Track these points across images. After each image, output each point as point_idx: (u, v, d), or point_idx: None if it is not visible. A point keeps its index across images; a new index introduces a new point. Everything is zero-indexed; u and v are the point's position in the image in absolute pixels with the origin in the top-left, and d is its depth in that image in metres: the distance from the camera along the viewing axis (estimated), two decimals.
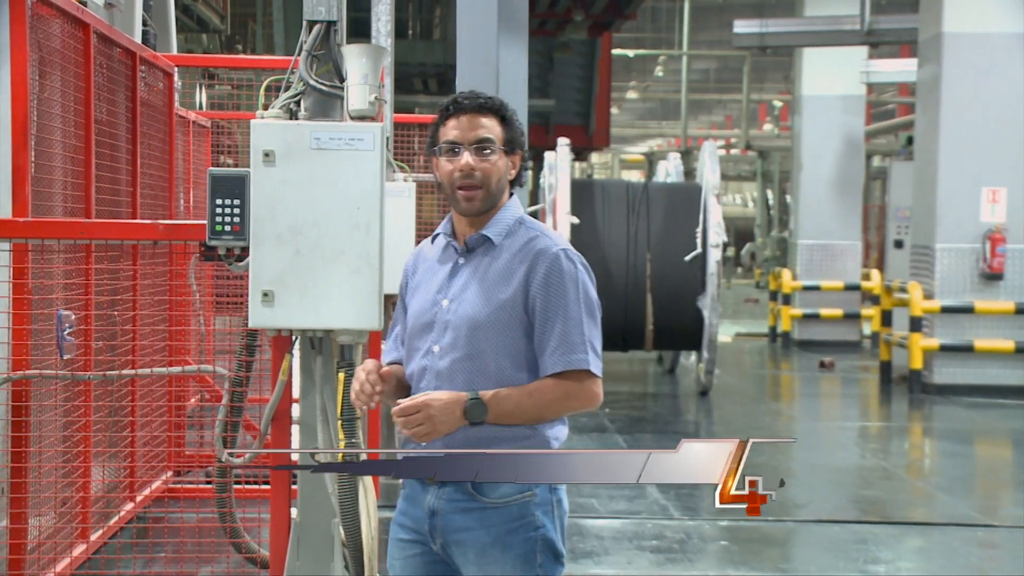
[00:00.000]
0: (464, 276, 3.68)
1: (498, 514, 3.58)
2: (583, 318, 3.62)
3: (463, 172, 3.64)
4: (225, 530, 6.04)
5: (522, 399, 3.55)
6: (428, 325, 3.68)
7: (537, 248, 3.65)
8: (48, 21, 6.12)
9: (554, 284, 3.61)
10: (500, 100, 3.72)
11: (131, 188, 7.66)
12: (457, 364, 3.60)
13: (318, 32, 5.18)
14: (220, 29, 20.76)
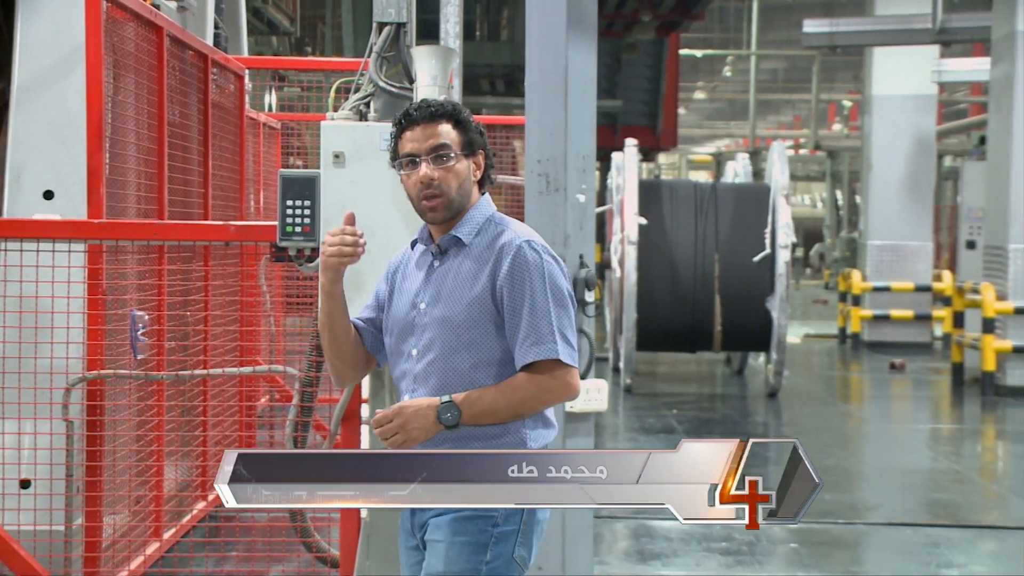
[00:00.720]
0: (438, 278, 3.68)
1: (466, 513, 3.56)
2: (551, 308, 3.58)
3: (423, 183, 3.64)
4: (296, 529, 6.08)
5: (496, 397, 3.53)
6: (408, 329, 3.68)
7: (502, 242, 3.64)
8: (122, 24, 6.19)
9: (518, 276, 3.59)
10: (452, 104, 3.71)
11: (203, 189, 7.73)
12: (431, 365, 3.60)
13: (388, 34, 5.20)
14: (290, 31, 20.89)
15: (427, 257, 3.74)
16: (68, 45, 5.95)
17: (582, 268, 5.63)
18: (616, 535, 8.28)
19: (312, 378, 5.87)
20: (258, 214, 10.33)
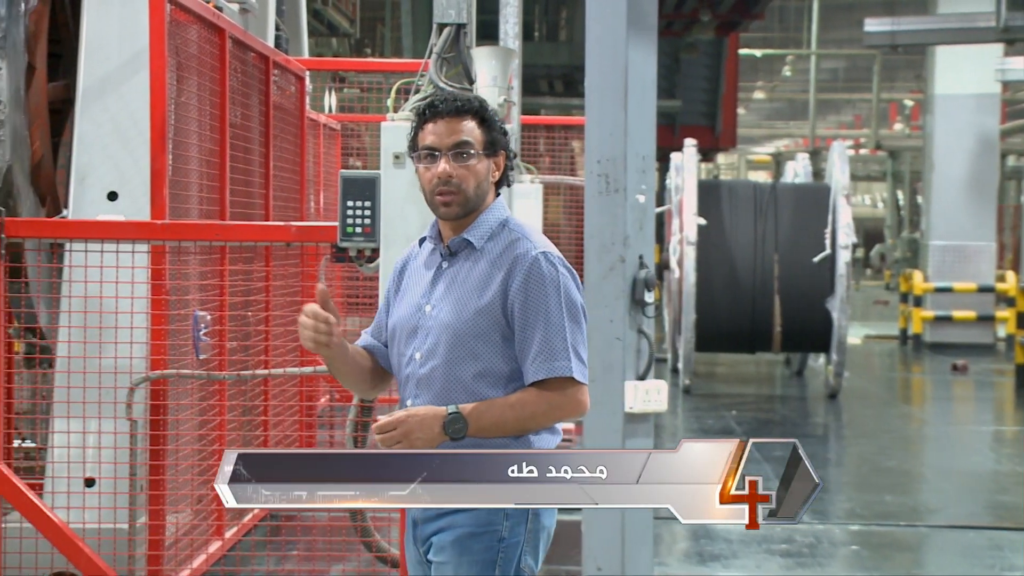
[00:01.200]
0: (446, 280, 3.56)
1: (466, 516, 3.45)
2: (565, 323, 3.47)
3: (440, 179, 3.51)
4: (356, 529, 6.11)
5: (504, 411, 3.41)
6: (413, 331, 3.56)
7: (517, 252, 3.51)
8: (185, 27, 6.24)
9: (533, 289, 3.47)
10: (480, 101, 3.61)
11: (264, 190, 7.78)
12: (435, 372, 3.48)
13: (448, 35, 5.22)
14: (349, 33, 21.00)
15: (436, 257, 3.62)
16: (132, 48, 6.00)
17: (642, 269, 5.62)
18: (675, 536, 8.26)
19: None
20: (318, 215, 10.39)
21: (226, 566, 6.45)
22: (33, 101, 6.38)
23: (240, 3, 7.49)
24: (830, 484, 10.07)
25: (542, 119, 14.55)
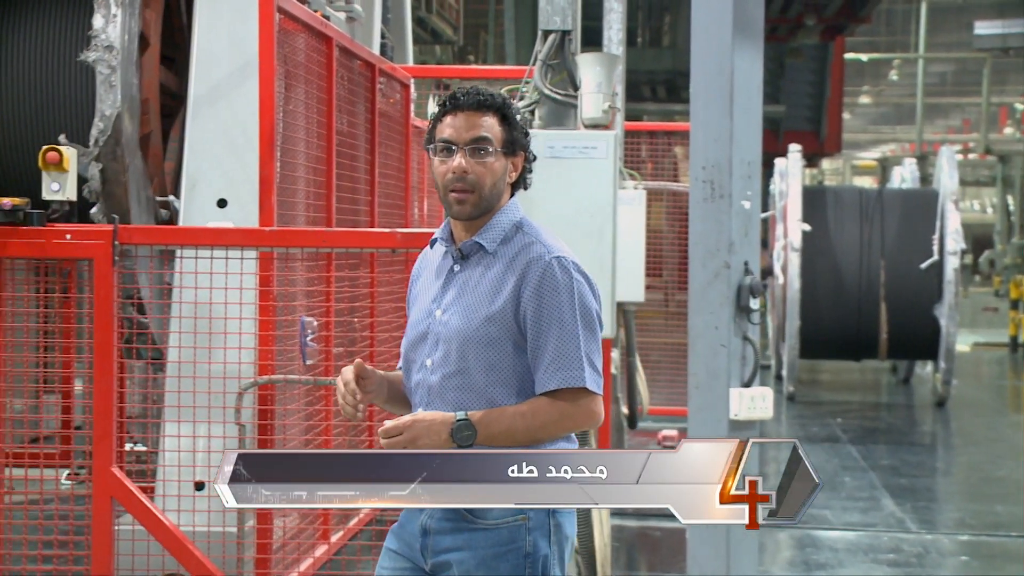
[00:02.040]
0: (458, 285, 3.44)
1: (487, 536, 3.34)
2: (579, 331, 3.33)
3: (455, 174, 3.38)
4: None
5: (514, 420, 3.29)
6: (423, 337, 3.45)
7: (530, 256, 3.37)
8: (293, 35, 6.31)
9: (547, 295, 3.34)
10: (503, 98, 3.46)
11: (369, 197, 7.84)
12: (447, 380, 3.38)
13: (553, 41, 5.23)
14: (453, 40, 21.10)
15: (447, 260, 3.50)
16: (242, 57, 6.09)
17: (747, 275, 5.58)
18: (779, 544, 8.19)
19: None
20: (422, 221, 10.44)
21: (332, 570, 6.51)
22: (146, 73, 6.47)
23: (347, 12, 7.56)
24: (938, 494, 9.94)
25: (645, 125, 14.48)
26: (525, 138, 3.47)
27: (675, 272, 12.18)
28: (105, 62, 6.08)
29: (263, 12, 5.81)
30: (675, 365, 11.71)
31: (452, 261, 3.46)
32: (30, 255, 5.56)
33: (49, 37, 6.54)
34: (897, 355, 15.11)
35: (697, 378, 5.32)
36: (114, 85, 6.14)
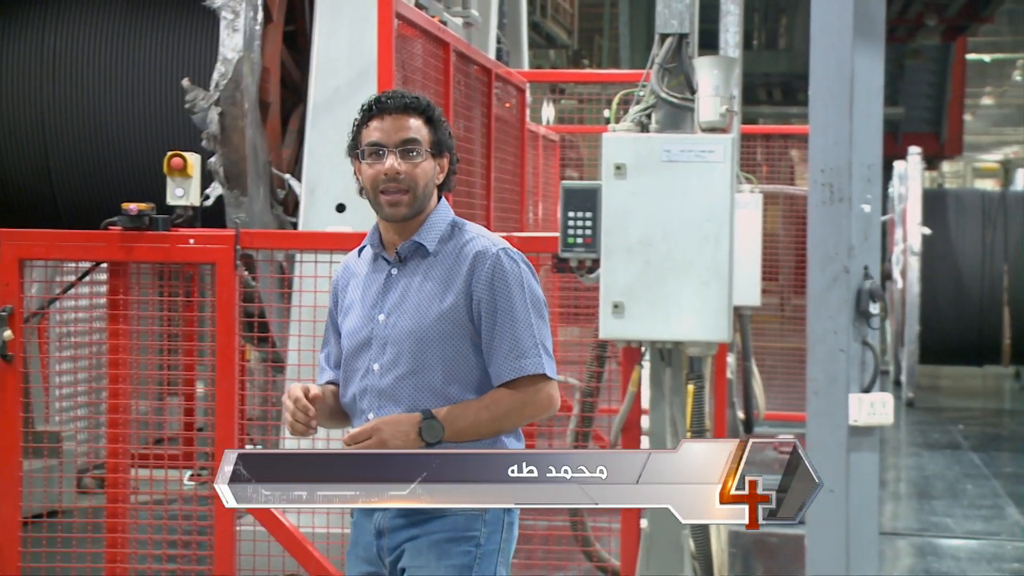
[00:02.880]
0: (400, 288, 3.41)
1: (442, 523, 3.35)
2: (532, 319, 3.35)
3: (388, 176, 3.35)
4: (576, 538, 6.13)
5: (479, 412, 3.31)
6: (365, 343, 3.41)
7: (476, 250, 3.38)
8: (411, 41, 6.36)
9: (498, 287, 3.34)
10: (427, 100, 3.47)
11: (485, 201, 7.87)
12: (401, 381, 3.35)
13: (670, 45, 5.21)
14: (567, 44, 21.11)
15: (381, 265, 3.47)
16: (361, 63, 6.15)
17: (867, 279, 5.51)
18: (899, 551, 8.08)
19: (592, 388, 5.91)
20: (537, 226, 10.46)
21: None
22: (269, 44, 6.54)
23: (464, 17, 7.61)
24: None
25: (760, 128, 14.38)
26: (449, 139, 3.47)
27: (791, 276, 12.08)
28: (230, 7, 6.18)
29: (382, 18, 5.86)
30: (791, 370, 11.61)
31: (388, 265, 3.44)
32: (155, 259, 5.67)
33: (173, 49, 6.66)
34: (1021, 361, 14.83)
35: (816, 383, 5.26)
36: (237, 30, 6.23)
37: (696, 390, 5.27)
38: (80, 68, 6.76)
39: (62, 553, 5.69)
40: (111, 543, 5.65)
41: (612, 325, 5.17)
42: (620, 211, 5.13)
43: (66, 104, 6.77)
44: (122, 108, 6.72)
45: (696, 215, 5.11)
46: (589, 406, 5.94)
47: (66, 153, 6.80)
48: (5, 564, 5.41)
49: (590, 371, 5.96)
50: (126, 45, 6.73)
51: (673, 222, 5.11)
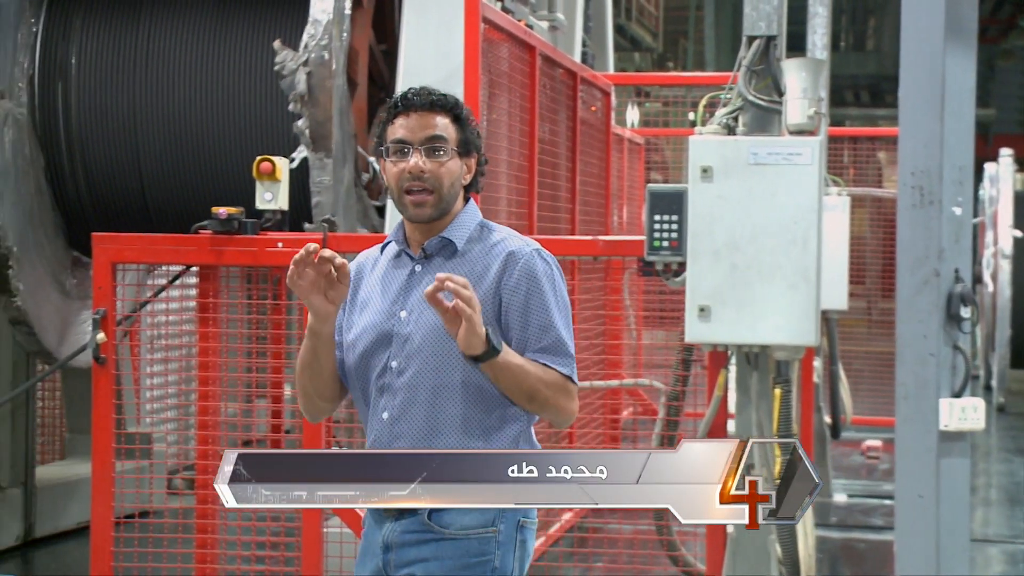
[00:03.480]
0: (424, 284, 3.25)
1: (455, 546, 3.23)
2: (561, 324, 3.24)
3: (412, 174, 3.24)
4: (662, 542, 6.11)
5: (526, 364, 3.17)
6: (384, 340, 3.29)
7: (508, 250, 3.27)
8: (497, 45, 6.38)
9: (531, 286, 3.24)
10: (454, 98, 3.36)
11: (570, 204, 7.88)
12: (419, 377, 3.24)
13: (758, 47, 5.18)
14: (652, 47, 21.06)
15: (404, 261, 3.35)
16: (448, 66, 6.17)
17: (957, 283, 5.44)
18: (990, 559, 7.97)
19: (678, 392, 5.89)
20: (621, 228, 10.45)
21: (533, 574, 6.55)
22: (358, 27, 6.58)
23: (550, 20, 7.62)
24: None
25: (847, 130, 14.26)
26: (477, 139, 3.36)
27: (878, 280, 11.97)
28: None
29: (469, 22, 5.88)
30: (878, 374, 11.50)
31: (412, 262, 3.33)
32: (244, 263, 5.72)
33: (263, 52, 6.73)
34: None
35: (905, 388, 5.21)
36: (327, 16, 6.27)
37: (783, 394, 5.23)
38: (171, 73, 6.84)
39: (153, 553, 5.76)
40: (200, 543, 5.72)
41: (698, 329, 5.15)
42: (706, 214, 5.11)
43: (157, 109, 6.86)
44: (212, 112, 6.79)
45: (783, 218, 5.07)
46: (674, 410, 5.92)
47: (157, 158, 6.89)
48: (99, 563, 5.49)
49: (675, 375, 5.94)
50: (217, 48, 6.81)
51: (760, 225, 5.08)
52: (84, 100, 6.91)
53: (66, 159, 6.96)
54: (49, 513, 7.55)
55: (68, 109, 6.91)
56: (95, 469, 5.56)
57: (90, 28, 6.95)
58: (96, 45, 6.93)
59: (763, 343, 5.15)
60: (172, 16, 6.89)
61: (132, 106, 6.87)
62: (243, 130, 6.73)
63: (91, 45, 6.93)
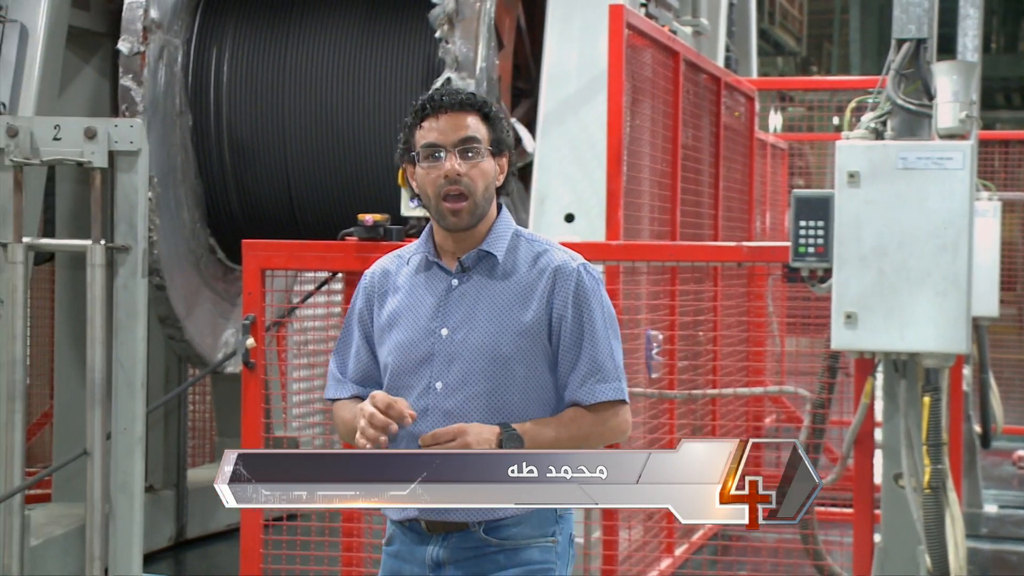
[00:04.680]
0: (467, 301, 3.16)
1: (518, 556, 3.15)
2: (611, 341, 3.16)
3: (448, 179, 3.11)
4: (807, 551, 6.04)
5: (559, 432, 3.11)
6: (424, 359, 3.16)
7: (555, 264, 3.17)
8: (641, 51, 6.37)
9: (581, 305, 3.14)
10: (483, 96, 3.23)
11: (713, 210, 7.83)
12: (472, 402, 3.13)
13: (907, 50, 5.10)
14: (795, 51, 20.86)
15: (437, 274, 3.22)
16: (591, 73, 6.18)
17: None
18: None
19: (824, 400, 5.83)
20: (764, 234, 10.36)
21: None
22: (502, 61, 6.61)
23: (693, 26, 7.59)
24: None
25: (998, 134, 13.98)
26: (508, 137, 3.25)
27: None
28: None
29: (613, 29, 5.88)
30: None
31: (448, 276, 3.21)
32: None
33: (409, 59, 6.79)
34: None
35: None
36: None
37: (932, 402, 5.14)
38: (318, 80, 6.93)
39: (301, 556, 5.85)
40: (347, 547, 5.78)
41: (845, 336, 5.08)
42: (853, 220, 5.04)
43: (304, 116, 6.95)
44: (358, 120, 6.87)
45: (933, 223, 4.99)
46: (820, 418, 5.86)
47: (304, 164, 6.98)
48: (249, 564, 5.59)
49: (821, 382, 5.88)
50: (364, 55, 6.88)
51: (909, 231, 5.00)
52: (235, 108, 7.03)
53: (216, 164, 7.08)
54: (200, 515, 7.71)
55: (220, 117, 7.03)
56: None
57: (241, 37, 7.07)
58: (246, 53, 7.04)
59: (912, 350, 5.07)
60: (320, 23, 6.99)
61: (280, 114, 6.97)
62: (389, 137, 6.80)
63: (241, 54, 7.05)
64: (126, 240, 4.88)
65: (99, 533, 4.86)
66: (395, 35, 6.88)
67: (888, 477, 5.27)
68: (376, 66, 6.87)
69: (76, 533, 6.23)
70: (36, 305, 8.33)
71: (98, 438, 4.87)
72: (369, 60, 6.88)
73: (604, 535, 5.85)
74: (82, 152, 4.84)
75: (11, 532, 4.93)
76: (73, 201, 7.03)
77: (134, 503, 4.87)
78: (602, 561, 5.84)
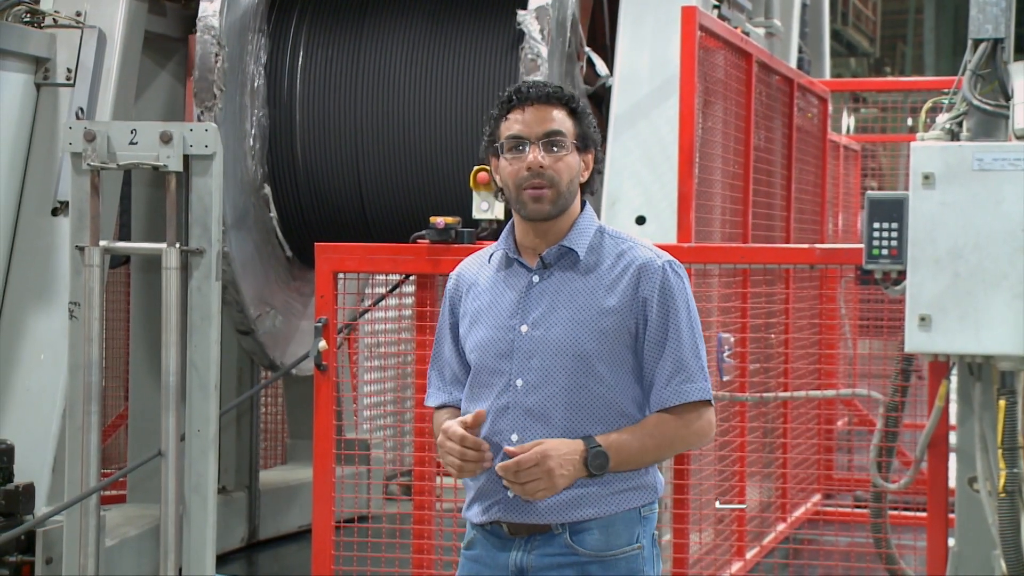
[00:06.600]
0: (547, 297, 3.13)
1: (605, 568, 3.09)
2: (696, 340, 3.12)
3: (531, 170, 3.09)
4: (880, 555, 5.99)
5: (644, 441, 3.06)
6: (504, 356, 3.14)
7: (640, 261, 3.13)
8: (713, 52, 6.35)
9: (667, 304, 3.10)
10: (570, 91, 3.20)
11: (785, 213, 7.79)
12: (554, 400, 3.09)
13: (984, 50, 5.05)
14: (868, 52, 20.70)
15: (518, 271, 3.20)
16: (663, 75, 6.17)
17: None
18: None
19: (897, 403, 5.78)
20: (836, 236, 10.29)
21: None
22: None
23: (766, 27, 7.56)
24: None
25: None
26: (595, 133, 3.22)
27: None
28: None
29: (685, 30, 5.86)
30: None
31: (529, 272, 3.18)
32: None
33: (480, 62, 6.81)
34: None
35: None
36: None
37: (1008, 406, 5.08)
38: (390, 84, 6.95)
39: (372, 557, 5.88)
40: (417, 549, 5.80)
41: (919, 338, 5.04)
42: (928, 222, 5.00)
43: (376, 119, 6.97)
44: (429, 123, 6.89)
45: (1009, 226, 4.94)
46: (894, 421, 5.81)
47: (376, 168, 7.00)
48: (320, 565, 5.62)
49: (894, 385, 5.84)
50: (435, 59, 6.90)
51: (984, 233, 4.95)
52: (309, 112, 7.06)
53: (288, 167, 7.12)
54: (272, 516, 7.76)
55: (293, 122, 7.07)
56: (316, 474, 5.70)
57: (314, 41, 7.10)
58: (320, 58, 7.08)
59: (987, 353, 5.02)
60: (392, 27, 7.01)
61: (353, 117, 7.00)
62: (460, 140, 6.81)
63: (315, 58, 7.08)
64: (200, 243, 4.92)
65: (173, 534, 4.91)
66: (466, 38, 6.90)
67: (963, 481, 5.22)
68: (449, 68, 6.89)
69: (150, 534, 6.30)
70: (112, 308, 8.41)
71: (172, 440, 4.92)
72: (442, 62, 6.90)
73: (675, 538, 5.84)
74: (158, 156, 4.88)
75: (87, 533, 4.98)
76: (148, 205, 7.10)
77: (207, 504, 4.91)
78: (672, 564, 5.82)
